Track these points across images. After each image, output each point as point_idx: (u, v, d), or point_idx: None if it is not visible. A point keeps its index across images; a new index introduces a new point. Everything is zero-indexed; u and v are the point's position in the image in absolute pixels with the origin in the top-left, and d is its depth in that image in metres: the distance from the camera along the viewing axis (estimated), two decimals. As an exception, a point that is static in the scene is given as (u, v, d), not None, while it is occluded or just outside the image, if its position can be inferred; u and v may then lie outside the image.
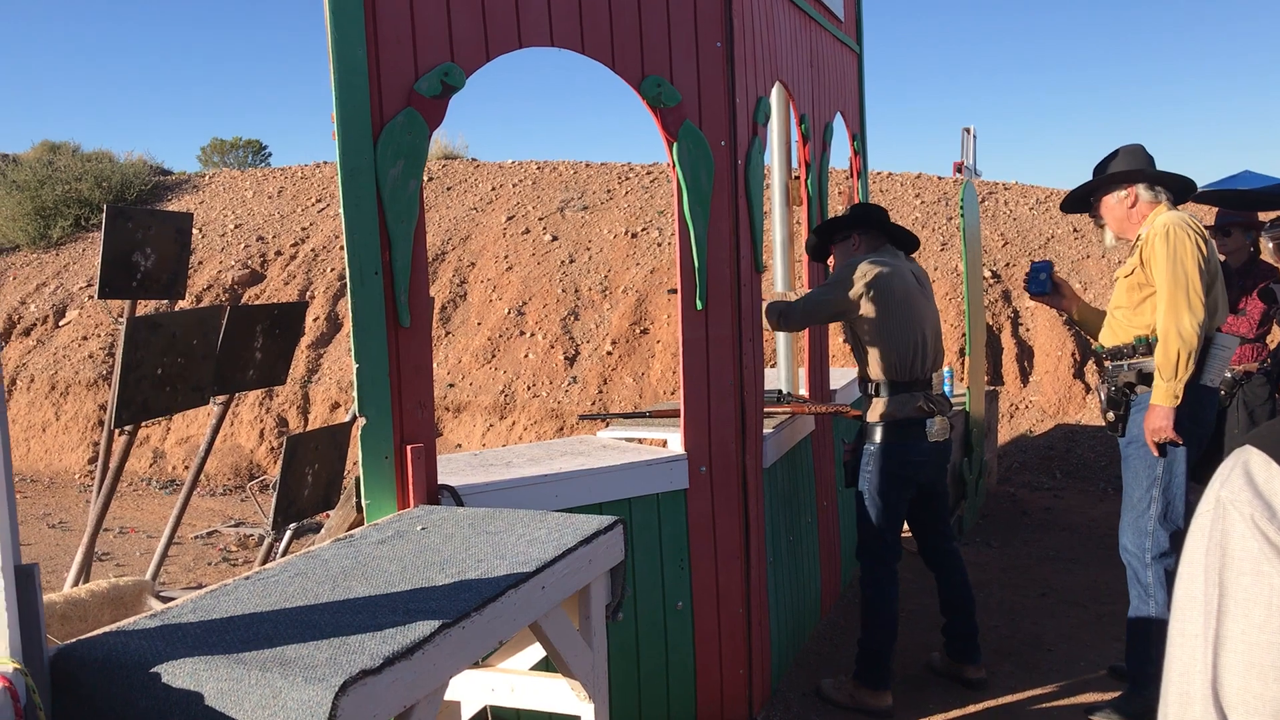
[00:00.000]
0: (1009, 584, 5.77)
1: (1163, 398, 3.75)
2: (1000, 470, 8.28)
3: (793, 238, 5.40)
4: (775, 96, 4.92)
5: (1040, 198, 11.91)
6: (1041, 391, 9.38)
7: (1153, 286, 3.85)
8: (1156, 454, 3.84)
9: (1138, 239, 3.95)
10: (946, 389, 7.08)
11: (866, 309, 4.10)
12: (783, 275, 5.26)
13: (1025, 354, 9.68)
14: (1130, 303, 3.96)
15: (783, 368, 5.29)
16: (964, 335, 7.32)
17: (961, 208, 6.64)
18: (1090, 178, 4.15)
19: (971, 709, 4.24)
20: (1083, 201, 4.22)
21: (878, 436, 4.14)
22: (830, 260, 4.59)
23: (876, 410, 4.16)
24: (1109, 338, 4.08)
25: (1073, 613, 5.29)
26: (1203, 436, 3.94)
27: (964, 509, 6.75)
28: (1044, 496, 7.82)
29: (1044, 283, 4.36)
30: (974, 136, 8.48)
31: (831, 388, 5.42)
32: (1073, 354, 9.42)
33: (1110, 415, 4.05)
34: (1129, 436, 3.98)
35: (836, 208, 7.48)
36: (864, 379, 4.25)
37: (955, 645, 4.41)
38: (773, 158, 5.19)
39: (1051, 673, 4.54)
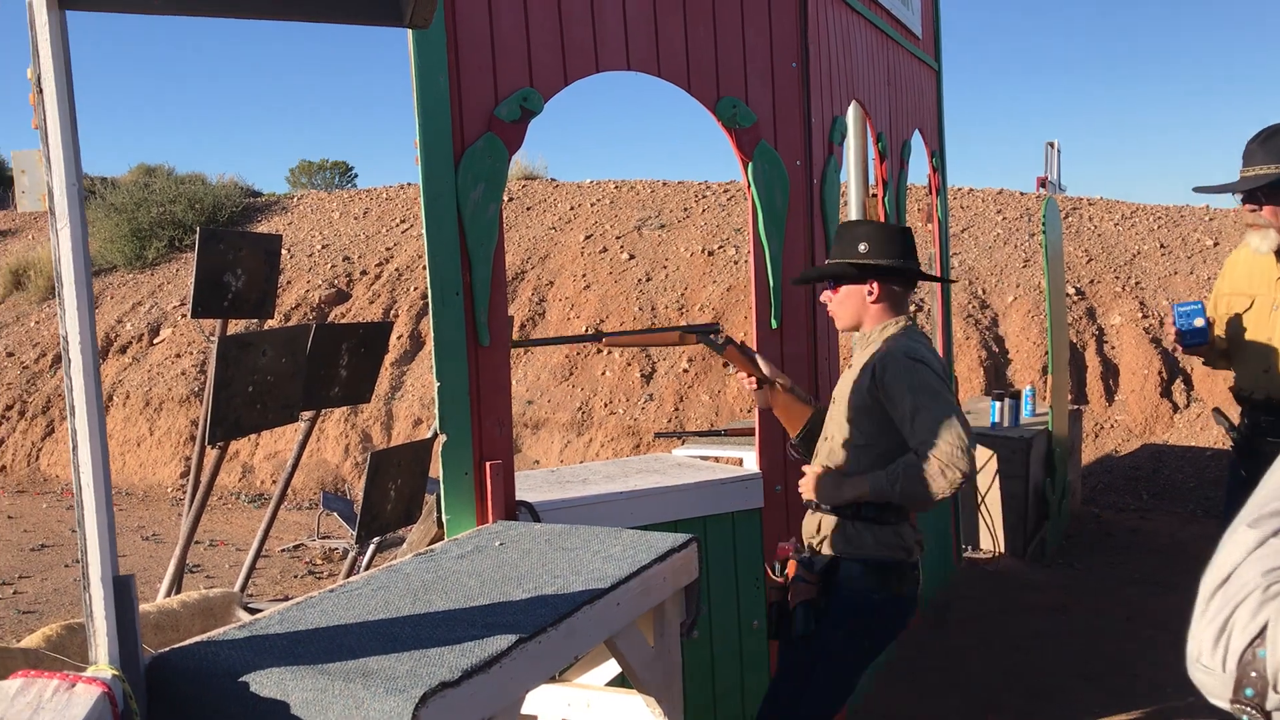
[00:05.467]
0: (1093, 607, 5.64)
1: None
2: (1084, 491, 8.11)
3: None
4: (852, 115, 4.91)
5: (1126, 213, 11.67)
6: (1127, 410, 9.17)
7: None
8: None
9: None
10: (1027, 407, 6.97)
11: None
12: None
13: (1110, 372, 9.48)
14: None
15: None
16: (1046, 353, 7.19)
17: (1044, 224, 6.54)
18: (1244, 160, 3.28)
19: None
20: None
21: None
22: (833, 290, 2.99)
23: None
24: (1265, 382, 3.35)
25: (1160, 637, 5.16)
26: None
27: (1047, 530, 6.62)
28: (1130, 518, 7.64)
29: (1203, 331, 3.44)
30: (1058, 151, 8.37)
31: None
32: (1159, 372, 9.20)
33: None
34: None
35: (915, 225, 7.42)
36: None
37: None
38: (849, 176, 5.18)
39: (1138, 698, 4.44)
